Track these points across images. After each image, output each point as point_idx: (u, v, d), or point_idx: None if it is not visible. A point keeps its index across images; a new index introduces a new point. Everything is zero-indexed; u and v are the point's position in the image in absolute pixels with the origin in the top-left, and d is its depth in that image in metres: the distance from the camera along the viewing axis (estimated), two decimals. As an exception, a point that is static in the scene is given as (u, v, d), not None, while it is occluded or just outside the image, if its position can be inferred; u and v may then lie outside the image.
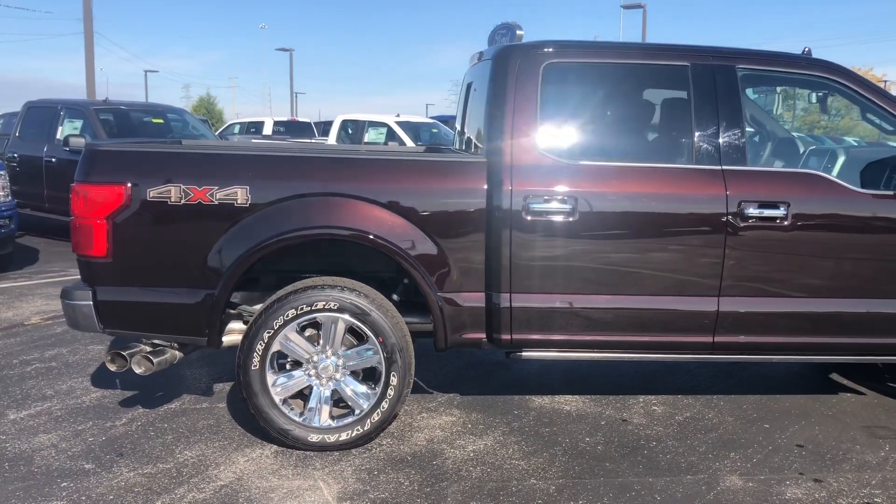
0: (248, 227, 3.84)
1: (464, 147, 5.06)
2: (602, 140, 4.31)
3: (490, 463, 3.88)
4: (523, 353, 4.16)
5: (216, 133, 20.48)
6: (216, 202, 3.81)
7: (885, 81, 62.34)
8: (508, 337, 4.07)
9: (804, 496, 3.57)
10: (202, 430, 4.22)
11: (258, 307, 4.05)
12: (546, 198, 3.94)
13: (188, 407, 4.57)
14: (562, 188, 3.96)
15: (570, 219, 3.95)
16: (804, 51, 4.50)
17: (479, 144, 4.42)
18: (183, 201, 3.79)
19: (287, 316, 3.87)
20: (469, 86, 4.96)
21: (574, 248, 4.01)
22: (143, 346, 4.00)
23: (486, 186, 3.95)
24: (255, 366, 3.88)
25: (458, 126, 5.40)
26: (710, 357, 4.27)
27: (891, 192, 4.10)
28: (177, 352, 4.05)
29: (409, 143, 15.00)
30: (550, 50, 4.11)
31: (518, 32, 4.39)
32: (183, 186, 3.79)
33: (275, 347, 3.91)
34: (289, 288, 3.95)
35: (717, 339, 4.12)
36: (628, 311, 4.07)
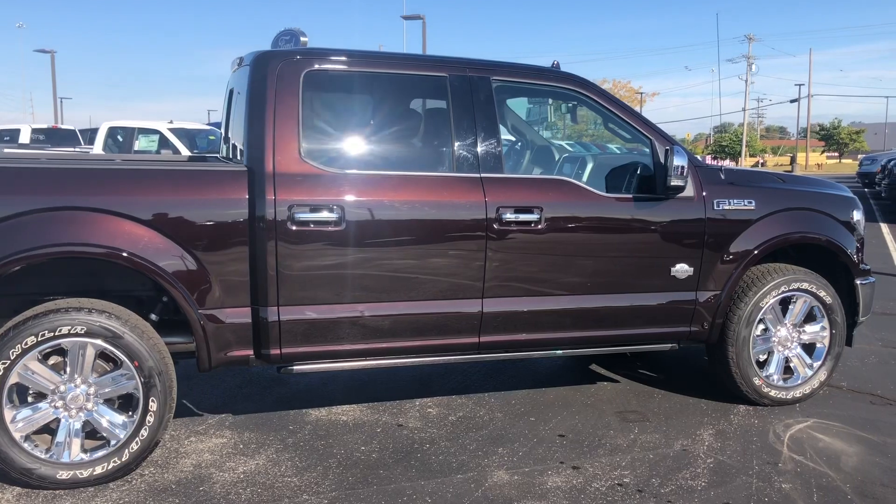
0: None
1: (230, 155, 4.88)
2: (367, 149, 4.32)
3: (261, 483, 3.75)
4: (294, 368, 4.07)
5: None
6: None
7: (641, 93, 68.86)
8: (278, 352, 3.96)
9: (563, 483, 3.79)
10: (-73, 480, 3.71)
11: (-8, 336, 3.62)
12: (311, 207, 3.88)
13: (-90, 454, 3.99)
14: (327, 197, 3.92)
15: (337, 228, 3.92)
16: (553, 64, 4.80)
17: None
18: None
19: (25, 344, 3.50)
20: (231, 92, 4.78)
21: (342, 258, 3.98)
22: None
23: (247, 196, 3.82)
24: (-11, 402, 3.46)
25: (223, 133, 5.20)
26: (479, 357, 4.43)
27: (630, 196, 4.48)
28: None
29: (185, 150, 14.31)
30: (311, 57, 4.06)
31: (302, 39, 4.30)
32: None
33: (13, 379, 3.52)
34: (27, 313, 3.58)
35: (483, 339, 4.28)
36: (397, 317, 4.11)
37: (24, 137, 21.26)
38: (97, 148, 15.63)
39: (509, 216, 4.16)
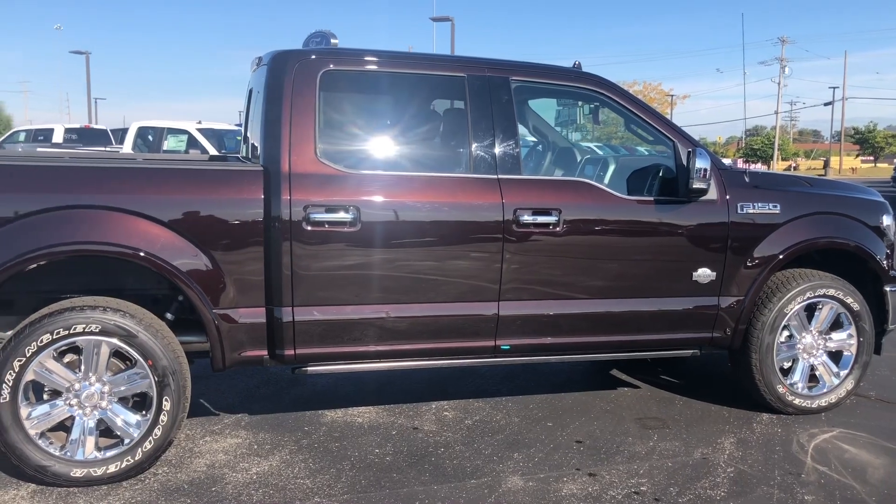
0: None
1: (249, 155, 4.88)
2: (383, 149, 4.29)
3: (273, 484, 3.73)
4: (309, 369, 4.05)
5: (-3, 140, 18.66)
6: None
7: (672, 96, 68.17)
8: (292, 352, 3.94)
9: (579, 491, 3.72)
10: (-56, 475, 3.74)
11: (9, 333, 3.65)
12: (327, 208, 3.86)
13: (-70, 449, 4.03)
14: (343, 198, 3.89)
15: (353, 229, 3.89)
16: (575, 64, 4.73)
17: (264, 152, 4.26)
18: None
19: (41, 341, 3.51)
20: (251, 91, 4.78)
21: (357, 259, 3.95)
22: None
23: (262, 196, 3.81)
24: (5, 398, 3.48)
25: (243, 133, 5.20)
26: (495, 360, 4.37)
27: (651, 198, 4.39)
28: None
29: (213, 150, 14.42)
30: (327, 57, 4.04)
31: (333, 41, 4.28)
32: None
33: (28, 376, 3.54)
34: (43, 311, 3.59)
35: (500, 342, 4.22)
36: (413, 319, 4.07)
37: (58, 137, 21.59)
38: (127, 147, 15.82)
39: (527, 218, 4.10)
